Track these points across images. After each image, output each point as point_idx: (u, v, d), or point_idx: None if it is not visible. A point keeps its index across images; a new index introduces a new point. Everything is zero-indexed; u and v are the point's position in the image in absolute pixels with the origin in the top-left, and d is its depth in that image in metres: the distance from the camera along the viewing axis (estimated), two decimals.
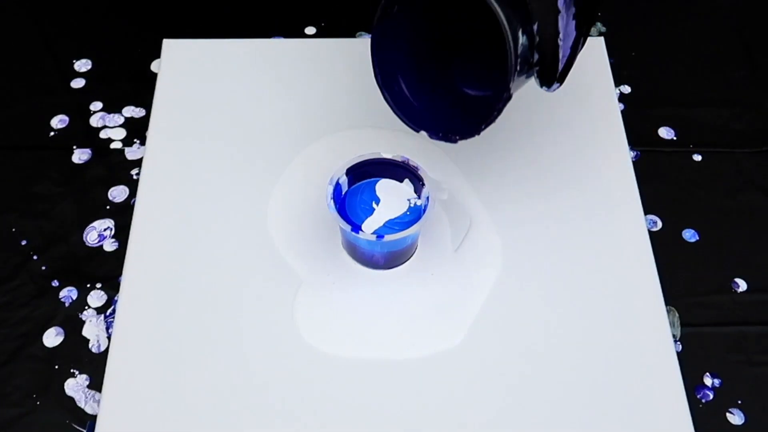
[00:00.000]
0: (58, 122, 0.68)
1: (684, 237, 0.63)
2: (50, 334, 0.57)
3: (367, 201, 0.55)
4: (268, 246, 0.58)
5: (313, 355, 0.54)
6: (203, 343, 0.54)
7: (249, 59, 0.69)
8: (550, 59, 0.50)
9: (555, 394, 0.53)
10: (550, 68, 0.50)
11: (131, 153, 0.66)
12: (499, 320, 0.56)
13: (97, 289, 0.59)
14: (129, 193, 0.64)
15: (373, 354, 0.54)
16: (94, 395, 0.54)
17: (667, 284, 0.58)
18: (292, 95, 0.67)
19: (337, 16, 0.76)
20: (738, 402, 0.55)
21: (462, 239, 0.59)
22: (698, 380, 0.56)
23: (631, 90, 0.71)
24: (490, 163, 0.63)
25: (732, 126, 0.69)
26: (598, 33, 0.75)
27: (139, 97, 0.69)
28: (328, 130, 0.64)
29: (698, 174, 0.66)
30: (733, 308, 0.59)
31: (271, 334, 0.55)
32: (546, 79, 0.52)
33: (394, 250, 0.56)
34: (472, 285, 0.57)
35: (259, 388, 0.53)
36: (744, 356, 0.57)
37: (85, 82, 0.71)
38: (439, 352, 0.54)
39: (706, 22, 0.77)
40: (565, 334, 0.55)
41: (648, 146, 0.68)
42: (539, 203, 0.61)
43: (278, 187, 0.61)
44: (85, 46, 0.73)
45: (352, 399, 0.52)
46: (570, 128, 0.65)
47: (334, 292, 0.57)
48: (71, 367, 0.56)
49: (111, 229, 0.62)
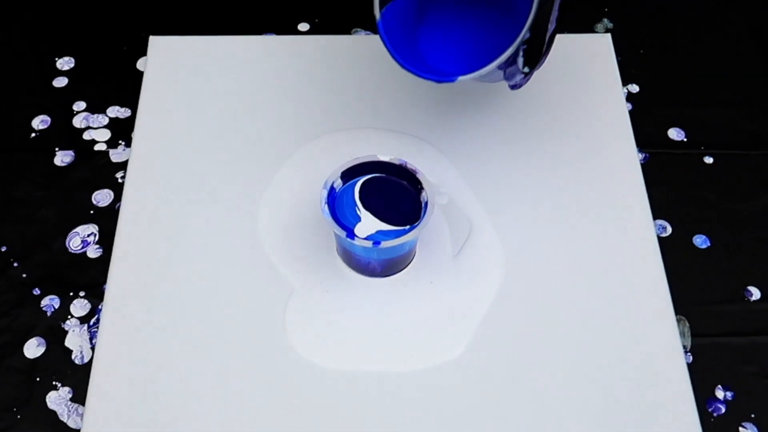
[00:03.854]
0: (39, 123, 0.68)
1: (695, 243, 0.63)
2: (31, 345, 0.57)
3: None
4: (259, 252, 0.58)
5: (305, 368, 0.54)
6: (190, 355, 0.54)
7: (239, 57, 0.69)
8: (539, 41, 0.54)
9: (561, 407, 0.53)
10: (536, 49, 0.55)
11: (116, 155, 0.66)
12: (502, 330, 0.56)
13: (81, 297, 0.59)
14: (114, 197, 0.64)
15: (370, 366, 0.54)
16: (77, 408, 0.54)
17: (677, 292, 0.58)
18: (285, 94, 0.67)
19: (332, 12, 0.76)
20: (751, 416, 0.55)
21: (462, 245, 0.59)
22: (710, 393, 0.56)
23: (640, 89, 0.72)
24: (491, 165, 0.63)
25: (745, 127, 0.69)
26: (605, 30, 0.75)
27: (125, 97, 0.69)
28: (322, 131, 0.65)
29: (709, 177, 0.66)
30: (746, 317, 0.59)
31: (261, 346, 0.55)
32: (530, 59, 0.55)
33: (392, 257, 0.56)
34: (474, 293, 0.57)
35: (249, 401, 0.53)
36: (757, 368, 0.57)
37: (67, 81, 0.71)
38: (440, 364, 0.54)
39: (718, 19, 0.77)
40: (571, 344, 0.55)
41: (657, 148, 0.68)
42: (543, 207, 0.61)
43: (270, 190, 0.61)
44: (67, 43, 0.73)
45: (348, 414, 0.52)
46: (575, 129, 0.65)
47: (328, 301, 0.57)
48: (53, 379, 0.56)
49: (95, 235, 0.62)
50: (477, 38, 0.60)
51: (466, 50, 0.60)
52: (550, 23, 0.54)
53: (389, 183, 0.55)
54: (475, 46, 0.60)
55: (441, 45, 0.60)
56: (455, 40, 0.61)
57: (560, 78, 0.67)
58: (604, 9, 0.77)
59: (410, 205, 0.55)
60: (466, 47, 0.60)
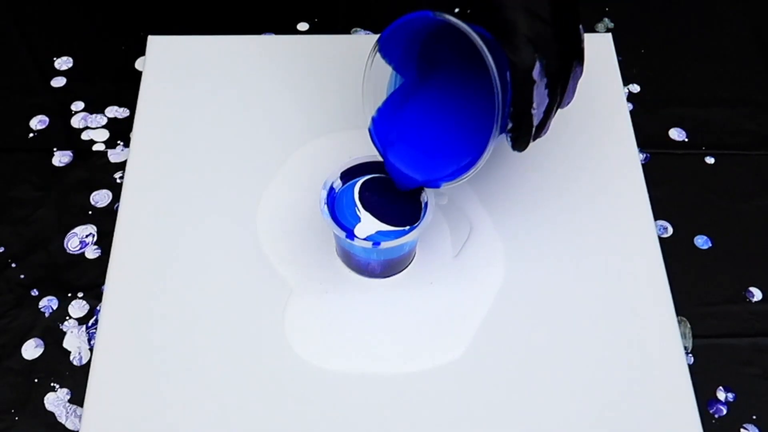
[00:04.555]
0: (37, 123, 0.68)
1: (696, 244, 0.63)
2: (29, 346, 0.57)
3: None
4: (258, 253, 0.58)
5: (305, 370, 0.54)
6: (189, 357, 0.54)
7: (238, 57, 0.69)
8: (524, 127, 0.52)
9: (561, 408, 0.53)
10: (524, 135, 0.52)
11: (114, 155, 0.66)
12: (503, 331, 0.56)
13: (79, 298, 0.59)
14: (112, 198, 0.64)
15: (370, 368, 0.54)
16: (76, 410, 0.54)
17: (679, 293, 0.58)
18: (284, 94, 0.67)
19: (332, 11, 0.76)
20: (753, 417, 0.55)
21: (462, 245, 0.59)
22: (711, 394, 0.56)
23: (641, 89, 0.72)
24: (491, 166, 0.63)
25: (747, 127, 0.70)
26: (605, 29, 0.75)
27: (123, 97, 0.69)
28: (321, 131, 0.65)
29: (711, 177, 0.67)
30: (747, 319, 0.59)
31: (260, 347, 0.55)
32: (519, 144, 0.53)
33: (391, 258, 0.56)
34: (474, 294, 0.57)
35: (248, 402, 0.53)
36: (759, 369, 0.57)
37: (65, 81, 0.71)
38: (440, 365, 0.54)
39: (720, 18, 0.77)
40: (572, 346, 0.55)
41: (658, 148, 0.68)
42: (543, 208, 0.61)
43: (269, 190, 0.62)
44: (66, 42, 0.73)
45: (347, 416, 0.52)
46: (576, 129, 0.65)
47: (327, 302, 0.57)
48: (51, 380, 0.56)
49: (93, 236, 0.62)
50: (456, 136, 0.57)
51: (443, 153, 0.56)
52: (533, 108, 0.50)
53: (389, 183, 0.55)
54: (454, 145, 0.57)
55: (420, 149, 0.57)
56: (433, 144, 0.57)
57: None
58: (605, 9, 0.77)
59: (410, 206, 0.55)
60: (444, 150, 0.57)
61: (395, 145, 0.55)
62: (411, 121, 0.57)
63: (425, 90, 0.57)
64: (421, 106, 0.57)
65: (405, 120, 0.57)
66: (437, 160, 0.55)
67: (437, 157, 0.55)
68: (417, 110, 0.57)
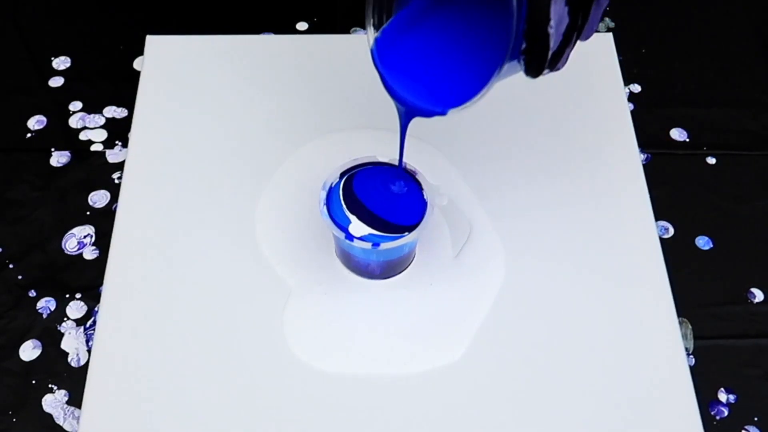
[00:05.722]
0: (35, 123, 0.68)
1: (697, 244, 0.63)
2: (27, 347, 0.57)
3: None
4: (257, 254, 0.59)
5: (303, 371, 0.54)
6: (188, 358, 0.54)
7: (237, 56, 0.69)
8: (539, 48, 0.48)
9: (562, 410, 0.53)
10: (538, 57, 0.49)
11: (113, 156, 0.67)
12: (503, 332, 0.56)
13: (77, 299, 0.59)
14: (110, 198, 0.64)
15: (369, 370, 0.54)
16: (74, 412, 0.55)
17: (680, 294, 0.58)
18: (284, 94, 0.67)
19: (331, 11, 0.76)
20: (754, 419, 0.55)
21: (462, 246, 0.59)
22: (712, 396, 0.56)
23: (642, 89, 0.72)
24: (491, 166, 0.63)
25: (748, 127, 0.70)
26: (606, 29, 0.75)
27: (121, 97, 0.69)
28: (321, 132, 0.65)
29: (712, 178, 0.67)
30: (749, 320, 0.60)
31: (259, 348, 0.55)
32: (532, 68, 0.50)
33: (391, 259, 0.56)
34: (474, 294, 0.57)
35: (246, 403, 0.53)
36: (761, 370, 0.57)
37: (63, 81, 0.71)
38: (439, 366, 0.55)
39: (721, 18, 0.77)
40: (572, 347, 0.55)
41: (659, 148, 0.68)
42: (544, 208, 0.61)
43: (268, 191, 0.62)
44: (63, 42, 0.73)
45: (346, 418, 0.53)
46: (576, 129, 0.65)
47: (326, 304, 0.57)
48: (49, 381, 0.56)
49: (91, 236, 0.62)
50: (467, 58, 0.54)
51: (455, 76, 0.53)
52: (551, 26, 0.46)
53: (370, 179, 0.55)
54: (465, 67, 0.53)
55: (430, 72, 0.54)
56: (444, 65, 0.54)
57: (561, 78, 0.67)
58: (606, 8, 0.77)
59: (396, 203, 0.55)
60: (455, 72, 0.53)
61: (399, 69, 0.53)
62: (418, 43, 0.54)
63: (434, 10, 0.54)
64: (430, 27, 0.54)
65: (411, 41, 0.54)
66: (445, 84, 0.52)
67: (445, 82, 0.53)
68: (425, 32, 0.54)
